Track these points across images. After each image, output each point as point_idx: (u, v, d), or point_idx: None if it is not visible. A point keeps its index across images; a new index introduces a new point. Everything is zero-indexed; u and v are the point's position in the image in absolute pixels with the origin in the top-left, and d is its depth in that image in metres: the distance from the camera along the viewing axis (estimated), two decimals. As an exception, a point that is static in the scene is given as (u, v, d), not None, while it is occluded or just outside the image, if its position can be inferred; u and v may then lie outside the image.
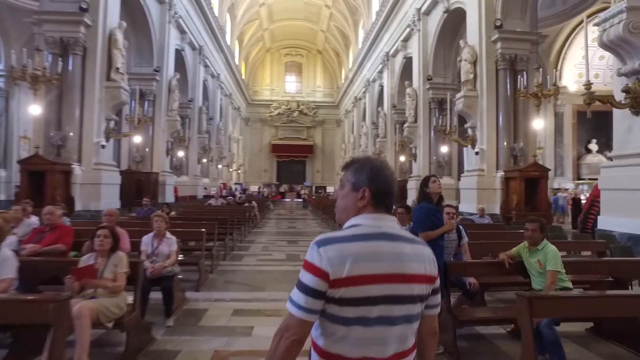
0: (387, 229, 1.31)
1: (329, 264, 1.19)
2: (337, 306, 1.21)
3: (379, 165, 1.37)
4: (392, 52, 22.55)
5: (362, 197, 1.33)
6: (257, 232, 12.99)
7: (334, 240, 1.24)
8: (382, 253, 1.24)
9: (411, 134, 18.34)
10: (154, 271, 4.24)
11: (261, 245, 9.96)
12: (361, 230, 1.29)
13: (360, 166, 1.37)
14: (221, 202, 14.63)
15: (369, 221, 1.31)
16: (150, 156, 17.13)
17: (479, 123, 12.72)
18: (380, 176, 1.34)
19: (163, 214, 4.71)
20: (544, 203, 11.47)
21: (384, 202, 1.35)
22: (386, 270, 1.22)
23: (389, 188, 1.36)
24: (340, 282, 1.19)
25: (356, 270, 1.20)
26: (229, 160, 31.70)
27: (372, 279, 1.21)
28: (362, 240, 1.25)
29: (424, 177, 4.12)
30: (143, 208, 9.21)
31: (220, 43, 26.21)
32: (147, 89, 16.74)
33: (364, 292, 1.20)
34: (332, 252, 1.21)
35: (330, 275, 1.19)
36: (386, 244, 1.26)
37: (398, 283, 1.23)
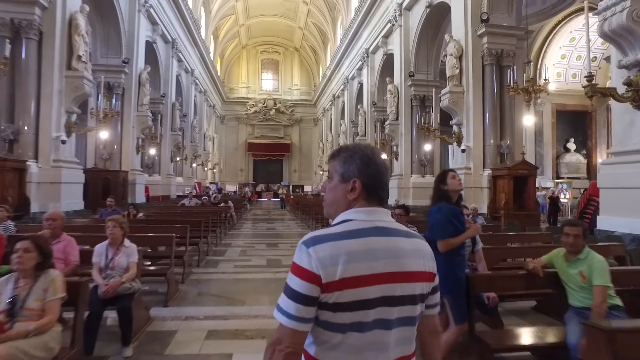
0: (382, 223, 1.19)
1: (320, 266, 1.07)
2: (331, 312, 1.09)
3: (369, 154, 1.24)
4: (372, 49, 22.00)
5: (352, 189, 1.21)
6: (234, 235, 12.11)
7: (324, 239, 1.12)
8: (377, 250, 1.13)
9: (392, 132, 17.80)
10: (108, 289, 3.40)
11: (239, 250, 9.12)
12: (353, 226, 1.16)
13: (350, 155, 1.24)
14: (195, 203, 13.68)
15: (361, 215, 1.19)
16: (118, 154, 15.99)
17: (465, 120, 12.24)
18: (372, 165, 1.22)
19: (119, 217, 3.84)
20: (532, 202, 11.06)
21: (376, 194, 1.22)
22: (383, 269, 1.11)
23: (382, 178, 1.24)
24: (333, 285, 1.07)
25: (351, 271, 1.08)
26: (203, 159, 30.51)
27: (368, 279, 1.09)
28: (355, 237, 1.13)
29: (441, 172, 3.43)
30: (107, 209, 8.22)
31: (194, 37, 25.06)
32: (115, 82, 15.61)
33: (360, 294, 1.08)
34: (323, 252, 1.09)
35: (322, 278, 1.07)
36: (382, 239, 1.15)
37: (396, 282, 1.13)
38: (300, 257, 1.11)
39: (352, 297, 1.08)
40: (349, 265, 1.08)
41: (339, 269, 1.07)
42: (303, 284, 1.08)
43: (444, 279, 3.11)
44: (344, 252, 1.09)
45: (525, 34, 12.33)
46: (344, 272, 1.08)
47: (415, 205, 16.55)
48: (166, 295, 5.01)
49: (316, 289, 1.07)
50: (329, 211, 1.27)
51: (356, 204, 1.21)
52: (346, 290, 1.08)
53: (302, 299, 1.08)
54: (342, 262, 1.08)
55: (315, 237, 1.13)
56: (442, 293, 3.09)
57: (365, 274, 1.09)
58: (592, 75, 6.41)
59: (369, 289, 1.09)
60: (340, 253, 1.09)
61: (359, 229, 1.15)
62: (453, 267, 3.05)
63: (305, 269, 1.09)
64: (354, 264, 1.09)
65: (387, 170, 1.29)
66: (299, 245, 1.13)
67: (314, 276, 1.08)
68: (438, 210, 3.13)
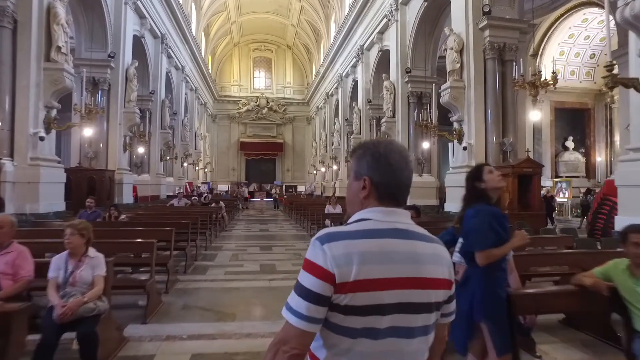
0: (401, 225, 1.10)
1: (335, 264, 1.00)
2: (342, 315, 1.00)
3: (382, 151, 1.14)
4: (367, 45, 21.43)
5: (363, 187, 1.14)
6: (225, 237, 11.45)
7: (339, 236, 1.04)
8: (395, 253, 1.05)
9: (389, 130, 17.24)
10: (65, 311, 2.75)
11: (230, 254, 8.46)
12: (369, 226, 1.08)
13: (363, 152, 1.17)
14: (185, 203, 12.98)
15: (379, 215, 1.10)
16: (105, 152, 15.24)
17: (466, 116, 11.71)
18: (383, 163, 1.13)
19: (79, 222, 3.13)
20: (537, 202, 10.56)
21: (389, 194, 1.12)
22: (400, 274, 1.03)
23: (395, 177, 1.13)
24: (347, 286, 0.99)
25: (366, 272, 1.00)
26: (195, 159, 29.73)
27: (384, 283, 1.01)
28: (371, 237, 1.05)
29: (475, 167, 2.84)
30: (86, 211, 7.52)
31: (184, 33, 24.31)
32: (100, 77, 14.86)
33: (374, 299, 1.00)
34: (338, 249, 1.01)
35: (337, 277, 0.99)
36: (400, 242, 1.06)
37: (414, 288, 1.04)
38: (315, 253, 1.03)
39: (366, 301, 1.00)
40: (364, 266, 1.01)
41: (353, 270, 1.00)
42: (316, 282, 1.01)
43: (483, 300, 2.39)
44: (360, 251, 1.02)
45: (528, 27, 11.82)
46: (358, 274, 1.00)
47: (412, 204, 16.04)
48: (145, 309, 4.37)
49: (330, 287, 1.00)
50: (348, 210, 1.21)
51: (368, 203, 1.13)
52: (360, 293, 1.00)
53: (314, 298, 1.00)
54: (356, 263, 1.01)
55: (330, 233, 1.06)
56: (480, 317, 2.39)
57: (381, 277, 1.02)
58: (613, 64, 5.85)
59: (384, 294, 1.02)
60: (356, 252, 1.01)
61: (376, 229, 1.08)
62: (494, 284, 2.46)
63: (320, 266, 1.01)
64: (369, 265, 1.01)
65: (405, 169, 1.15)
66: (313, 242, 1.06)
67: (328, 274, 1.00)
68: (476, 214, 2.53)
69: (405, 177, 1.16)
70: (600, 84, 18.51)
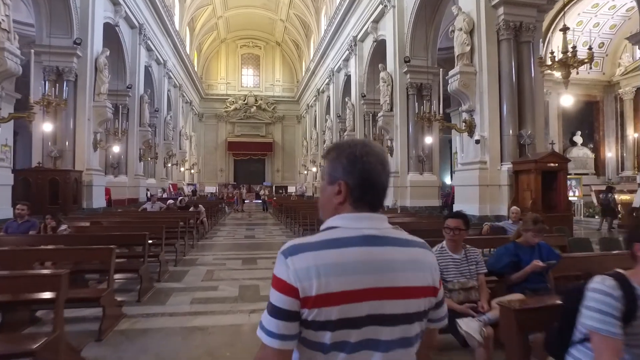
0: (372, 231, 1.01)
1: (297, 278, 0.94)
2: (312, 330, 0.95)
3: (359, 152, 1.04)
4: (361, 36, 19.89)
5: (338, 192, 1.05)
6: (203, 246, 9.77)
7: (303, 248, 0.97)
8: (363, 262, 0.97)
9: (387, 125, 15.70)
10: None
11: (204, 270, 6.79)
12: (337, 234, 1.00)
13: (338, 154, 1.07)
14: (159, 207, 11.28)
15: (348, 222, 1.02)
16: (72, 151, 13.46)
17: (479, 105, 10.21)
18: (360, 165, 1.03)
19: None
20: (563, 202, 9.08)
21: (365, 199, 1.04)
22: (369, 284, 0.96)
23: (373, 180, 1.04)
24: (310, 301, 0.93)
25: (327, 286, 0.93)
26: (179, 159, 27.90)
27: (349, 296, 0.94)
28: (336, 247, 0.97)
29: None
30: (16, 220, 5.80)
31: (166, 25, 22.53)
32: (65, 66, 13.11)
33: (340, 313, 0.93)
34: (300, 263, 0.95)
35: (300, 292, 0.93)
36: (369, 250, 0.98)
37: (386, 299, 0.97)
38: (279, 268, 0.97)
39: (332, 316, 0.93)
40: (326, 279, 0.93)
41: (314, 284, 0.93)
42: (282, 298, 0.95)
43: None
44: (321, 264, 0.95)
45: (547, 3, 10.36)
46: (319, 288, 0.93)
47: (414, 206, 14.55)
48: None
49: (296, 302, 0.94)
50: (321, 216, 1.11)
51: (342, 209, 1.05)
52: (324, 308, 0.93)
53: (283, 315, 0.95)
54: (317, 276, 0.93)
55: (294, 246, 0.99)
56: None
57: (344, 290, 0.94)
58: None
59: (352, 307, 0.94)
60: (317, 265, 0.94)
61: (342, 238, 0.99)
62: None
63: (284, 280, 0.95)
64: (332, 278, 0.94)
65: (382, 171, 1.05)
66: (278, 255, 0.99)
67: (292, 289, 0.94)
68: None
69: (383, 181, 1.06)
70: (609, 74, 17.19)
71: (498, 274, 3.29)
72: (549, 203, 9.12)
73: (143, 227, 6.36)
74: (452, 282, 2.90)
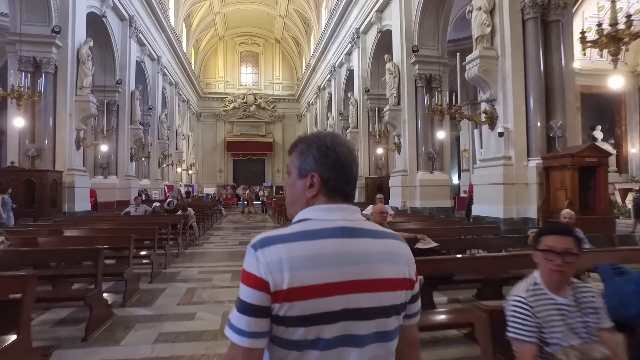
0: (346, 223, 0.97)
1: (268, 271, 0.88)
2: (283, 326, 0.89)
3: (328, 143, 1.01)
4: (364, 28, 18.67)
5: (310, 184, 1.01)
6: (190, 255, 8.54)
7: (274, 240, 0.92)
8: (336, 254, 0.92)
9: (393, 120, 14.46)
10: None
11: (184, 288, 5.55)
12: (310, 226, 0.95)
13: (307, 146, 1.03)
14: (144, 210, 10.07)
15: (321, 214, 0.98)
16: (51, 149, 12.27)
17: (501, 93, 8.97)
18: (331, 156, 1.00)
19: None
20: (603, 202, 7.83)
21: (339, 189, 1.01)
22: (343, 277, 0.91)
23: (345, 170, 1.01)
24: (281, 295, 0.87)
25: (300, 279, 0.88)
26: (175, 159, 26.69)
27: (323, 289, 0.89)
28: (310, 239, 0.92)
29: None
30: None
31: (159, 19, 21.34)
32: (43, 57, 11.92)
33: (314, 307, 0.88)
34: (271, 255, 0.89)
35: (270, 285, 0.88)
36: (344, 241, 0.94)
37: (362, 292, 0.92)
38: (249, 261, 0.91)
39: (305, 310, 0.88)
40: (299, 272, 0.88)
41: (286, 277, 0.88)
42: (252, 293, 0.89)
43: None
44: (294, 256, 0.89)
45: (578, -22, 9.12)
46: (292, 281, 0.88)
47: (424, 207, 13.31)
48: None
49: (266, 297, 0.88)
50: (290, 211, 1.07)
51: (316, 201, 1.00)
52: (296, 301, 0.87)
53: (253, 311, 0.88)
54: (289, 269, 0.88)
55: (265, 238, 0.93)
56: None
57: (318, 283, 0.89)
58: None
59: (326, 301, 0.89)
60: (289, 257, 0.89)
61: (316, 230, 0.94)
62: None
63: (254, 274, 0.89)
64: (305, 271, 0.89)
65: (352, 161, 1.03)
66: (248, 249, 0.93)
67: (262, 283, 0.88)
68: None
69: (354, 171, 1.04)
70: (632, 64, 15.93)
71: (626, 324, 2.04)
72: (586, 204, 7.89)
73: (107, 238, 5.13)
74: (562, 348, 1.66)
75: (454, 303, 4.75)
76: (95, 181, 16.43)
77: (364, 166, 18.80)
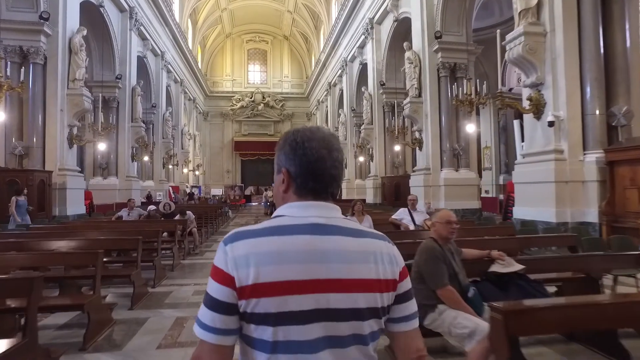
0: (319, 220, 0.92)
1: (234, 267, 0.85)
2: (253, 324, 0.85)
3: (300, 138, 0.96)
4: (378, 18, 17.33)
5: (282, 180, 0.98)
6: (188, 268, 7.26)
7: (245, 235, 0.89)
8: (306, 252, 0.87)
9: (414, 113, 13.09)
10: None
11: (172, 318, 4.24)
12: (281, 222, 0.92)
13: (283, 141, 1.00)
14: (138, 215, 8.84)
15: (294, 211, 0.94)
16: (41, 147, 11.12)
17: (550, 76, 7.57)
18: (300, 151, 0.95)
19: None
20: (685, 203, 6.40)
21: (308, 186, 0.95)
22: (311, 275, 0.86)
23: (314, 165, 0.94)
24: (247, 291, 0.84)
25: (266, 275, 0.84)
26: (181, 159, 25.56)
27: (289, 287, 0.84)
28: (279, 234, 0.89)
29: None
30: None
31: (163, 12, 20.22)
32: (31, 46, 10.80)
33: (279, 305, 0.84)
34: (239, 250, 0.87)
35: (236, 281, 0.85)
36: (315, 238, 0.89)
37: (331, 292, 0.86)
38: (218, 256, 0.89)
39: (271, 308, 0.84)
40: (265, 267, 0.85)
41: (251, 272, 0.85)
42: (219, 289, 0.86)
43: None
44: (262, 251, 0.86)
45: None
46: (257, 276, 0.84)
47: (450, 208, 11.89)
48: None
49: (232, 293, 0.85)
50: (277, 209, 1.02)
51: (288, 198, 0.97)
52: (262, 298, 0.84)
53: (220, 307, 0.86)
54: (255, 264, 0.85)
55: (236, 233, 0.91)
56: None
57: (283, 280, 0.85)
58: None
59: (294, 299, 0.84)
60: (257, 252, 0.86)
61: (287, 225, 0.91)
62: None
63: (221, 269, 0.87)
64: (271, 266, 0.85)
65: (326, 158, 0.95)
66: (220, 244, 0.91)
67: (228, 278, 0.85)
68: None
69: (328, 167, 0.95)
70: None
71: None
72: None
73: (69, 257, 3.85)
74: None
75: None
76: (93, 182, 15.34)
77: (379, 165, 17.46)
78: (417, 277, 2.72)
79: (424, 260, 2.71)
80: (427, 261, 2.68)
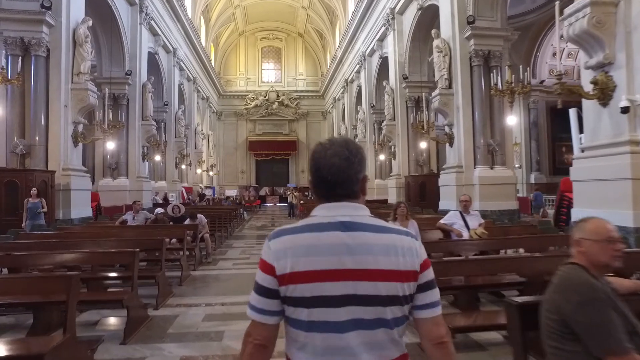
0: (346, 218, 1.06)
1: (275, 258, 1.03)
2: (292, 307, 1.02)
3: (320, 149, 1.12)
4: (400, 7, 16.16)
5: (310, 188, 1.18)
6: (199, 281, 6.25)
7: (285, 232, 1.07)
8: (333, 245, 1.02)
9: (444, 106, 11.91)
10: None
11: (175, 358, 3.27)
12: (314, 221, 1.08)
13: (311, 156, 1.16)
14: (144, 218, 7.87)
15: (322, 212, 1.09)
16: (44, 146, 10.29)
17: (623, 53, 6.34)
18: (315, 162, 1.10)
19: None
20: None
21: (321, 192, 1.11)
22: (339, 265, 1.00)
23: (320, 173, 1.09)
24: (285, 278, 1.01)
25: (301, 264, 1.01)
26: (195, 159, 24.73)
27: (319, 275, 1.00)
28: (313, 231, 1.05)
29: None
30: None
31: (174, 8, 19.41)
32: (32, 38, 9.96)
33: (315, 290, 1.00)
34: (279, 244, 1.05)
35: (276, 270, 1.02)
36: (342, 234, 1.03)
37: (360, 280, 1.00)
38: (264, 250, 1.08)
39: (306, 293, 1.00)
40: (300, 258, 1.01)
41: (288, 263, 1.02)
42: (264, 277, 1.04)
43: None
44: (297, 245, 1.03)
45: None
46: (294, 266, 1.01)
47: (485, 209, 10.67)
48: None
49: (273, 280, 1.03)
50: None
51: (318, 202, 1.13)
52: (299, 284, 1.01)
53: (264, 292, 1.04)
54: (292, 255, 1.02)
55: (277, 231, 1.09)
56: None
57: (314, 269, 1.00)
58: None
59: (325, 286, 1.00)
60: (294, 246, 1.03)
61: (317, 224, 1.06)
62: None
63: (265, 261, 1.05)
64: (305, 257, 1.01)
65: (337, 165, 1.07)
66: (265, 241, 1.09)
67: (270, 268, 1.03)
68: None
69: (327, 172, 1.08)
70: None
71: None
72: None
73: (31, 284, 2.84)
74: None
75: None
76: (103, 183, 14.55)
77: (402, 163, 16.27)
78: (560, 330, 1.63)
79: (576, 306, 1.60)
80: (585, 308, 1.57)
